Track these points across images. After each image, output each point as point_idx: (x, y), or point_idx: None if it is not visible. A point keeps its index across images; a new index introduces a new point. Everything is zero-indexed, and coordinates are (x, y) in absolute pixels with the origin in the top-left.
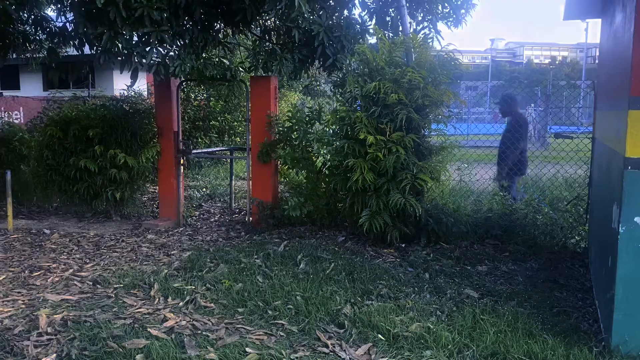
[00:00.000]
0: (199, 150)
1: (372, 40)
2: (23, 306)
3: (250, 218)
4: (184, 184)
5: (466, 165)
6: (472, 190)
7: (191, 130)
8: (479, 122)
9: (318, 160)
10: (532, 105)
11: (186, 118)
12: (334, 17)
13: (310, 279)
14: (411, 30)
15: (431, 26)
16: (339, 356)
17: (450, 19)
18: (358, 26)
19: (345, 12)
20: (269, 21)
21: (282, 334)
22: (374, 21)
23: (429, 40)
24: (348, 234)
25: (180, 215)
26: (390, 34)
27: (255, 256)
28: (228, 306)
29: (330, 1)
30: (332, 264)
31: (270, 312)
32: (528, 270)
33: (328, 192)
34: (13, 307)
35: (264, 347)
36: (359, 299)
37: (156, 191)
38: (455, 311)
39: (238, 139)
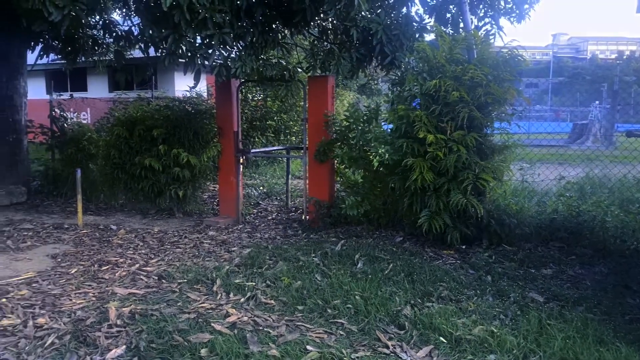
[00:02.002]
0: (257, 150)
1: (429, 37)
2: (94, 299)
3: (307, 217)
4: (242, 183)
5: (528, 165)
6: (536, 190)
7: (248, 130)
8: (539, 120)
9: (375, 160)
10: (597, 102)
11: (244, 118)
12: (392, 15)
13: (368, 279)
14: (472, 26)
15: (493, 22)
16: (400, 357)
17: (513, 15)
18: (415, 24)
19: (404, 9)
20: (326, 21)
21: (342, 333)
22: (433, 18)
23: (491, 37)
24: (406, 234)
25: (239, 213)
26: (450, 31)
27: (313, 254)
28: (288, 303)
29: None
30: (391, 265)
31: (329, 310)
32: (597, 275)
33: (385, 192)
34: (85, 299)
35: (324, 345)
36: (419, 300)
37: (216, 189)
38: (519, 315)
39: (294, 138)
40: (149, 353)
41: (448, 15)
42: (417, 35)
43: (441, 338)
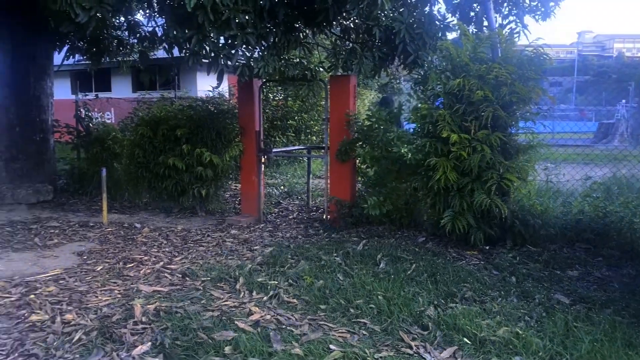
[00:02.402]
0: (279, 149)
1: (452, 35)
2: (119, 296)
3: (328, 216)
4: (264, 182)
5: (553, 165)
6: (561, 191)
7: (269, 130)
8: (564, 119)
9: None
10: (623, 101)
11: (265, 118)
12: (414, 14)
13: (391, 279)
14: (496, 24)
15: (517, 20)
16: (424, 358)
17: (538, 13)
18: (438, 22)
19: (427, 8)
20: (349, 20)
21: (364, 332)
22: (456, 17)
23: (515, 35)
24: (428, 235)
25: (261, 212)
26: (474, 30)
27: (335, 254)
28: (310, 302)
29: None
30: (413, 265)
31: (352, 310)
32: (624, 277)
33: (408, 192)
34: (110, 296)
35: (347, 345)
36: (442, 301)
37: (238, 188)
38: (545, 317)
39: (314, 137)
40: (173, 350)
41: (472, 13)
42: (440, 34)
43: (465, 339)
